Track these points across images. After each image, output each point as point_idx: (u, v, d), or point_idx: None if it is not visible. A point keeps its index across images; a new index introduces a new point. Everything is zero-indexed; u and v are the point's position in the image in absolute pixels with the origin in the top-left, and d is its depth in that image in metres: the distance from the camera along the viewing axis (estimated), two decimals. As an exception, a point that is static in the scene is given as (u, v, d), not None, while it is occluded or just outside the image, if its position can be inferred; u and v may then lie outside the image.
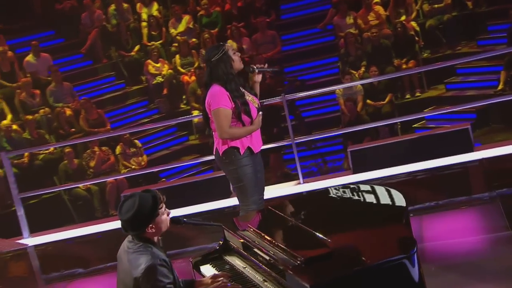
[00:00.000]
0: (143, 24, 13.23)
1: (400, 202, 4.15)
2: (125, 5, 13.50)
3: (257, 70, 5.62)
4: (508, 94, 9.99)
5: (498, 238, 5.51)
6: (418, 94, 11.80)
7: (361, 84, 11.18)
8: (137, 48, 13.05)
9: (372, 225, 4.00)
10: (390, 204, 4.21)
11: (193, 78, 12.18)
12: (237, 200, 5.59)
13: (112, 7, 13.46)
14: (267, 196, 7.42)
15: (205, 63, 5.44)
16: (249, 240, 4.04)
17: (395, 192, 4.27)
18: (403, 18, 12.28)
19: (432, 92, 11.88)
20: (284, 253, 3.74)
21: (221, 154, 5.37)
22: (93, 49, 13.18)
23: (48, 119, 11.69)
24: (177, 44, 12.76)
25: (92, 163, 10.90)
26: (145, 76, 12.68)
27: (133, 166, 11.00)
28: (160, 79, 12.40)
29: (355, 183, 5.92)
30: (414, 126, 11.26)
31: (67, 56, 13.25)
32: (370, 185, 4.45)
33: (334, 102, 11.73)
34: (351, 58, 11.98)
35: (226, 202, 7.67)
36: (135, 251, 3.62)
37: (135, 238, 3.69)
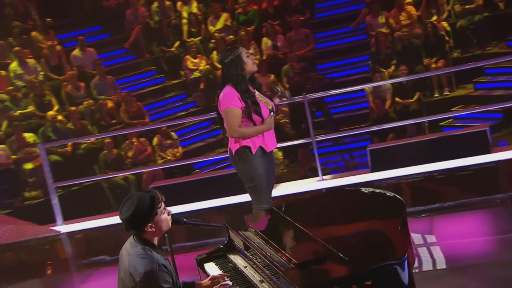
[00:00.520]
0: (184, 21, 13.19)
1: (398, 207, 4.04)
2: (167, 3, 13.50)
3: (279, 93, 5.54)
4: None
5: (504, 241, 5.35)
6: (447, 93, 11.53)
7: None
8: (177, 44, 13.03)
9: (368, 230, 3.90)
10: (388, 209, 4.10)
11: (229, 74, 12.11)
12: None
13: (155, 5, 13.46)
14: (287, 192, 7.46)
15: (220, 65, 5.40)
16: (249, 241, 3.98)
17: (394, 197, 4.17)
18: (435, 18, 12.00)
19: (461, 91, 11.59)
20: (280, 255, 3.67)
21: (234, 153, 5.29)
22: (136, 45, 13.21)
23: (91, 111, 11.77)
24: (215, 41, 12.70)
25: (130, 153, 10.96)
26: (184, 71, 12.66)
27: (169, 157, 11.02)
28: (198, 74, 12.38)
29: (357, 186, 5.83)
30: (441, 124, 11.04)
31: (112, 51, 13.30)
32: (371, 189, 4.35)
33: (364, 99, 11.55)
34: (382, 57, 11.77)
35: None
36: (135, 255, 3.56)
37: (136, 239, 3.64)
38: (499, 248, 5.34)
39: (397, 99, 11.19)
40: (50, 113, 11.44)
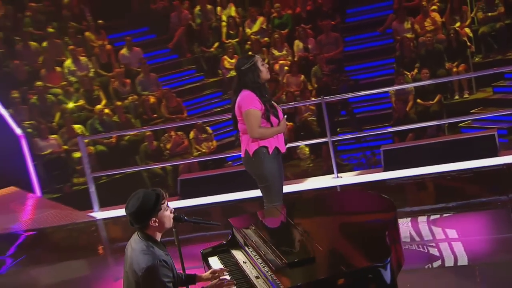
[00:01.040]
0: (223, 24, 13.18)
1: (389, 211, 3.97)
2: (209, 7, 13.50)
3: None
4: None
5: (501, 242, 5.20)
6: (466, 96, 11.27)
7: (412, 84, 10.83)
8: (216, 45, 13.02)
9: (358, 232, 3.84)
10: (379, 212, 4.04)
11: (262, 74, 12.07)
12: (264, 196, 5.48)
13: (198, 8, 13.47)
14: (303, 188, 7.40)
15: (236, 71, 5.36)
16: (248, 238, 3.96)
17: (387, 200, 4.10)
18: (458, 25, 11.73)
19: (480, 94, 11.31)
20: (273, 254, 3.64)
21: (252, 154, 5.25)
22: (179, 45, 13.25)
23: (135, 105, 11.87)
24: (250, 42, 12.67)
25: (168, 146, 11.02)
26: (221, 70, 12.66)
27: (204, 150, 11.04)
28: (234, 73, 12.30)
29: (352, 189, 5.74)
30: (460, 125, 10.81)
31: (157, 50, 13.35)
32: (364, 192, 4.29)
33: (387, 100, 11.37)
34: (406, 60, 11.57)
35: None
36: (139, 251, 3.56)
37: (140, 235, 3.65)
38: (496, 249, 5.19)
39: (419, 101, 10.98)
40: (98, 107, 11.58)
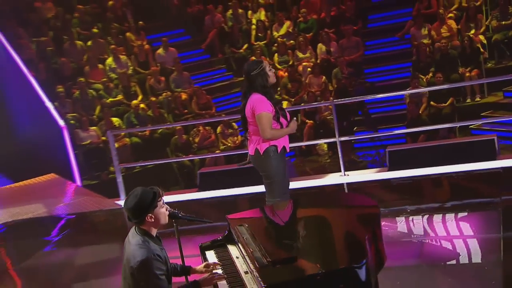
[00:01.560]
0: (253, 27, 13.15)
1: (372, 214, 3.90)
2: (240, 11, 13.48)
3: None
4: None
5: (488, 242, 5.06)
6: (478, 99, 11.01)
7: (426, 87, 10.61)
8: (245, 47, 12.99)
9: (341, 233, 3.79)
10: (363, 215, 3.97)
11: (286, 74, 12.00)
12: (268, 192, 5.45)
13: (230, 12, 13.46)
14: (312, 185, 7.33)
15: (245, 75, 5.33)
16: (239, 235, 3.94)
17: (370, 201, 4.03)
18: (473, 32, 11.46)
19: (491, 98, 11.02)
20: (260, 252, 3.61)
21: (262, 153, 5.24)
22: (212, 46, 13.26)
23: (168, 101, 11.94)
24: (277, 45, 12.60)
25: (197, 139, 11.06)
26: (249, 70, 12.61)
27: (229, 144, 11.05)
28: (254, 75, 12.29)
29: (338, 191, 5.65)
30: (471, 127, 10.57)
31: (191, 50, 13.38)
32: (351, 193, 4.22)
33: (402, 102, 11.19)
34: (422, 64, 11.36)
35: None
36: (135, 245, 3.58)
37: (137, 230, 3.67)
38: (482, 248, 5.06)
39: (432, 103, 10.78)
40: (134, 102, 11.68)
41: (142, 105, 11.65)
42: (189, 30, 13.83)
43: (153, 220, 3.64)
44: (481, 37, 11.42)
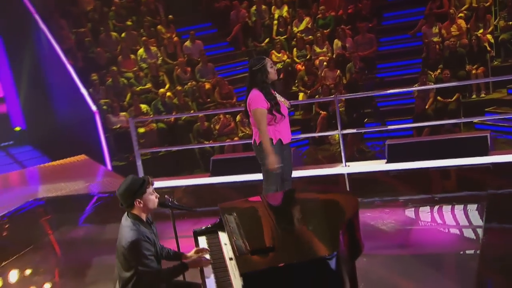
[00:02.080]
0: (274, 22, 13.07)
1: (351, 207, 3.87)
2: (264, 7, 13.40)
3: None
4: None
5: (469, 233, 4.98)
6: (483, 95, 10.77)
7: (434, 83, 10.43)
8: (267, 41, 12.93)
9: (318, 225, 3.77)
10: (341, 210, 3.94)
11: (303, 68, 11.93)
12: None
13: (254, 8, 13.40)
14: (314, 174, 7.30)
15: (248, 70, 5.34)
16: (226, 223, 3.96)
17: (350, 198, 4.00)
18: (481, 31, 11.18)
19: (496, 95, 10.77)
20: (242, 241, 3.62)
21: (258, 144, 5.28)
22: (236, 39, 13.23)
23: (193, 90, 11.98)
24: (296, 40, 12.50)
25: (217, 126, 11.09)
26: (269, 63, 12.55)
27: (248, 132, 11.05)
28: (280, 66, 12.22)
29: (323, 186, 5.58)
30: (475, 122, 10.36)
31: (216, 43, 13.38)
32: (333, 191, 4.19)
33: (410, 96, 11.02)
34: (431, 61, 11.15)
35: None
36: (126, 227, 3.64)
37: (128, 214, 3.73)
38: (462, 239, 4.99)
39: (439, 98, 10.58)
40: (162, 90, 11.76)
41: (169, 93, 11.72)
42: (216, 24, 13.81)
43: (142, 205, 3.69)
44: (489, 37, 11.15)
